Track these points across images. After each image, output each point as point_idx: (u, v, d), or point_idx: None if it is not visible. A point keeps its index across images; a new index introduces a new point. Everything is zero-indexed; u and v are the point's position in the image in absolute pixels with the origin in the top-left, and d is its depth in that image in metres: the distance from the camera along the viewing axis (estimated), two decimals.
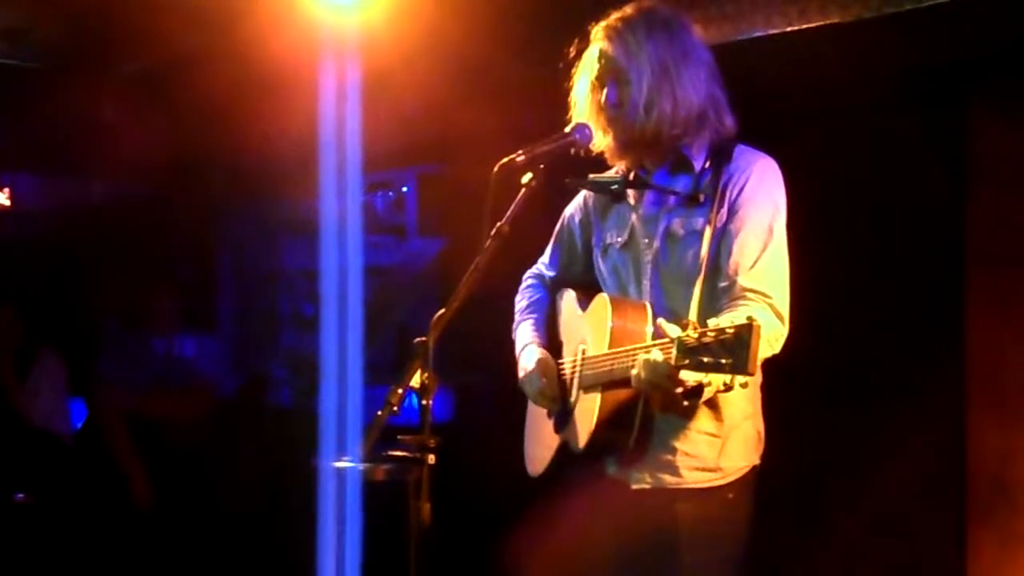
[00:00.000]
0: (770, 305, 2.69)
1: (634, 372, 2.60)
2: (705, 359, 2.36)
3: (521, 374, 3.06)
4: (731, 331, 2.33)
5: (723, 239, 2.76)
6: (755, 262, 2.73)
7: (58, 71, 5.59)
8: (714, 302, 2.73)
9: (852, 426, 4.56)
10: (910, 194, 4.47)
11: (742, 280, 2.72)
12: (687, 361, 2.39)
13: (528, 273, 3.29)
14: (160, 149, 5.61)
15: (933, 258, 4.45)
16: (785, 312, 2.72)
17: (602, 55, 2.85)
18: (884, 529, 4.49)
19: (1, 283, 6.23)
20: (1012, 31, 3.96)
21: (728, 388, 2.58)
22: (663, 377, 2.53)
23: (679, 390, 2.56)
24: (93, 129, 5.97)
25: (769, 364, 2.79)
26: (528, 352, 3.07)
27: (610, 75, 2.84)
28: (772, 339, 2.68)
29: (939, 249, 4.43)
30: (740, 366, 2.32)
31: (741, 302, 2.68)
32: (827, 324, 3.90)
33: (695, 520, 2.80)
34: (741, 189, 2.78)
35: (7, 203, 6.91)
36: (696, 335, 2.38)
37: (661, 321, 2.56)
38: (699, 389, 2.59)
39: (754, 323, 2.32)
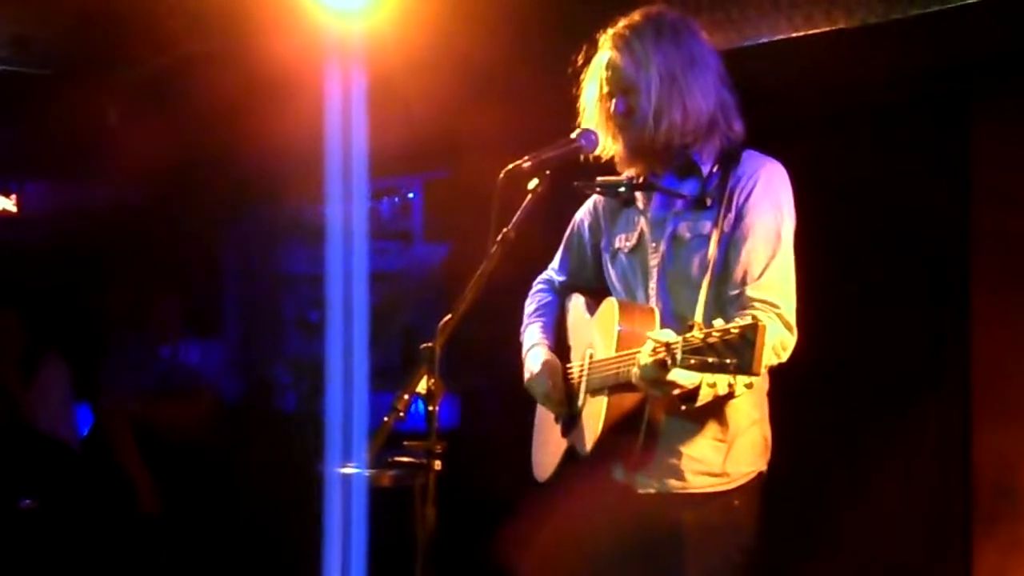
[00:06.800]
0: (778, 315, 2.70)
1: (634, 370, 2.60)
2: (710, 359, 2.35)
3: (527, 375, 3.06)
4: (736, 331, 2.33)
5: (731, 244, 2.77)
6: (763, 271, 2.73)
7: (64, 77, 5.59)
8: (720, 306, 2.73)
9: (857, 433, 4.55)
10: (914, 201, 4.47)
11: (751, 291, 2.72)
12: (693, 361, 2.38)
13: (539, 278, 3.29)
14: (166, 154, 5.61)
15: (938, 265, 4.44)
16: (792, 320, 2.73)
17: (610, 64, 2.85)
18: (888, 535, 4.49)
19: (7, 288, 6.24)
20: (1017, 38, 3.96)
21: (731, 394, 2.58)
22: (654, 381, 2.54)
23: (676, 391, 2.57)
24: (99, 135, 5.98)
25: (774, 371, 2.80)
26: (534, 353, 3.07)
27: (619, 84, 2.84)
28: (779, 348, 2.69)
29: (944, 256, 4.42)
30: (745, 366, 2.33)
31: (749, 313, 2.68)
32: (831, 332, 3.89)
33: (701, 526, 2.80)
34: (749, 194, 2.78)
35: (14, 209, 6.92)
36: (701, 335, 2.38)
37: (669, 331, 2.56)
38: (694, 393, 2.59)
39: (759, 323, 2.32)
